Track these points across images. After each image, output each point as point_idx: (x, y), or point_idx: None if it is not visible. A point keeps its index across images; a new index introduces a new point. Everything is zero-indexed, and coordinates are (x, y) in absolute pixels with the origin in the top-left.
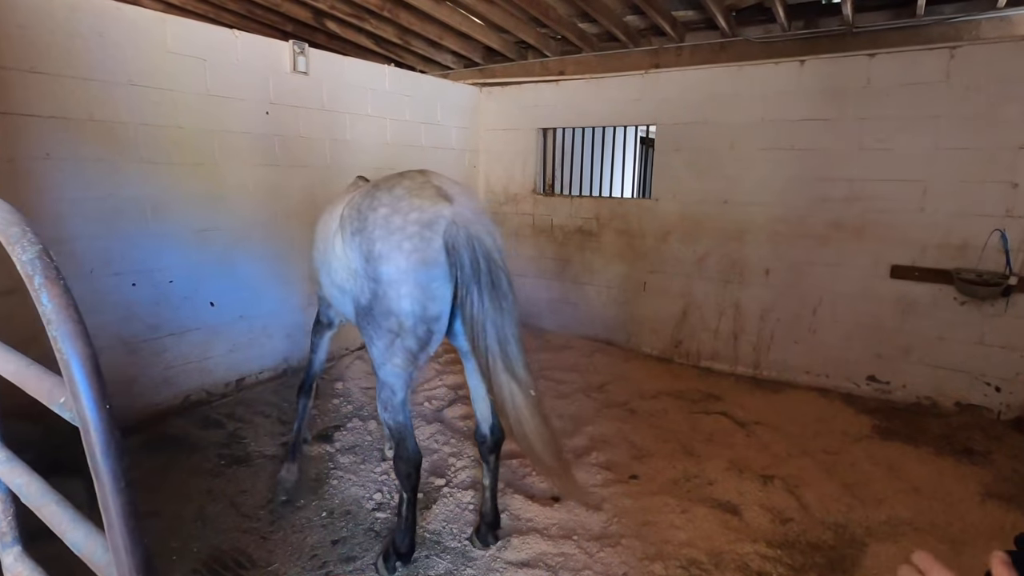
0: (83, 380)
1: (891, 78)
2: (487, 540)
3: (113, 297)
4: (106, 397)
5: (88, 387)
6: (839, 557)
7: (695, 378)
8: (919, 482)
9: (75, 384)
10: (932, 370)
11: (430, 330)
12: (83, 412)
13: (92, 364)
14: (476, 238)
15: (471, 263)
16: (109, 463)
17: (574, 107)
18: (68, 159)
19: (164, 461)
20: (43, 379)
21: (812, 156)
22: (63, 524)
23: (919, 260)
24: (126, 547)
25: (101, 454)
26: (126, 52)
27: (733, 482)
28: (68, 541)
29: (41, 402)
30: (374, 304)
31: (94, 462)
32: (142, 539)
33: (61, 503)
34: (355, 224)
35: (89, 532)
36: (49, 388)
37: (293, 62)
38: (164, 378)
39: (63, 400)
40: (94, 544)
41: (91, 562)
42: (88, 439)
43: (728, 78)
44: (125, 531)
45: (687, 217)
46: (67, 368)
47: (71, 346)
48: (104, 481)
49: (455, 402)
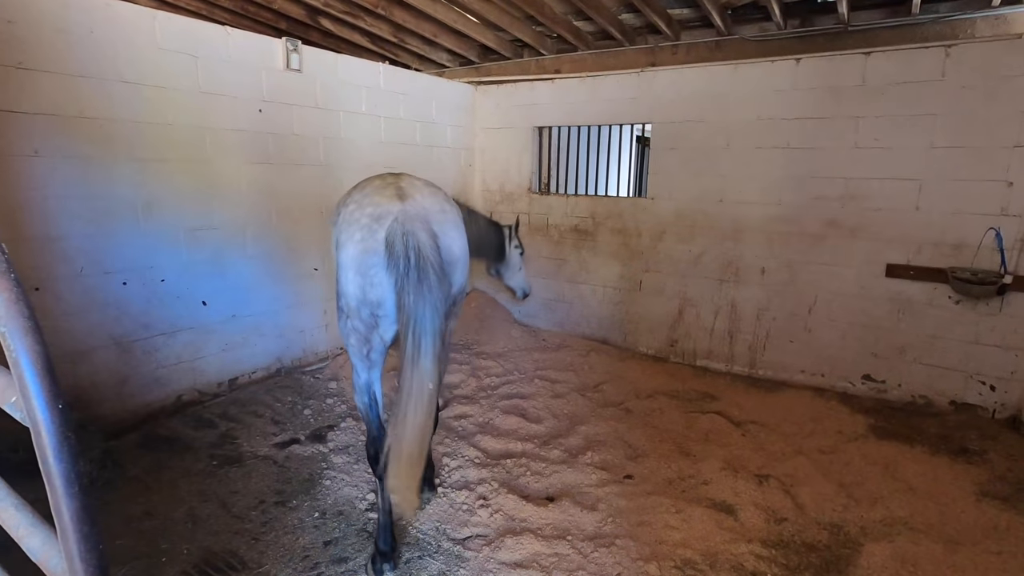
0: (33, 379)
1: (886, 76)
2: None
3: (104, 296)
4: (59, 396)
5: (39, 386)
6: (834, 557)
7: (691, 377)
8: (914, 481)
9: (25, 383)
10: (927, 369)
11: (373, 314)
12: (34, 412)
13: (43, 362)
14: (411, 233)
15: (403, 256)
16: (61, 466)
17: (570, 105)
18: (57, 156)
19: (156, 461)
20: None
21: (807, 155)
22: (20, 529)
23: (914, 259)
24: (80, 554)
25: (53, 456)
26: (116, 49)
27: (728, 482)
28: (24, 547)
29: None
30: (337, 286)
31: (46, 465)
32: (97, 545)
33: (20, 507)
34: (334, 215)
35: (47, 538)
36: (1, 388)
37: (286, 59)
38: (156, 378)
39: (14, 400)
40: (50, 551)
41: (47, 569)
42: (39, 441)
43: (724, 76)
44: (79, 537)
45: (683, 216)
46: (16, 366)
47: (21, 343)
48: (56, 485)
49: (450, 402)
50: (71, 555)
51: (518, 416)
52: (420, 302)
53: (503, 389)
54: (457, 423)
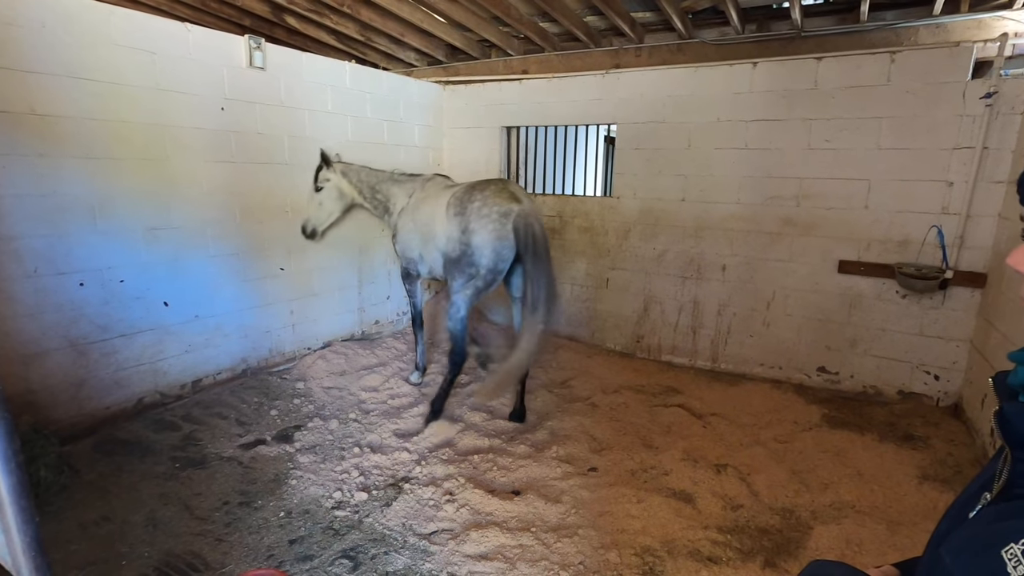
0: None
1: (836, 80)
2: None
3: (59, 297)
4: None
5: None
6: (785, 540)
7: (656, 372)
8: (862, 467)
9: None
10: (877, 360)
11: (495, 279)
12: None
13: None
14: (531, 226)
15: (526, 240)
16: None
17: (537, 106)
18: (8, 154)
19: (114, 465)
20: None
21: (764, 155)
22: None
23: (864, 255)
24: (17, 525)
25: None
26: (69, 44)
27: (688, 472)
28: None
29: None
30: (461, 257)
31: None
32: (33, 517)
33: None
34: (457, 209)
35: None
36: None
37: (249, 57)
38: (115, 380)
39: None
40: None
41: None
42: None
43: (685, 79)
44: (16, 509)
45: (646, 214)
46: None
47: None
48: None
49: (420, 401)
50: (8, 526)
51: (486, 412)
52: (538, 270)
53: (471, 387)
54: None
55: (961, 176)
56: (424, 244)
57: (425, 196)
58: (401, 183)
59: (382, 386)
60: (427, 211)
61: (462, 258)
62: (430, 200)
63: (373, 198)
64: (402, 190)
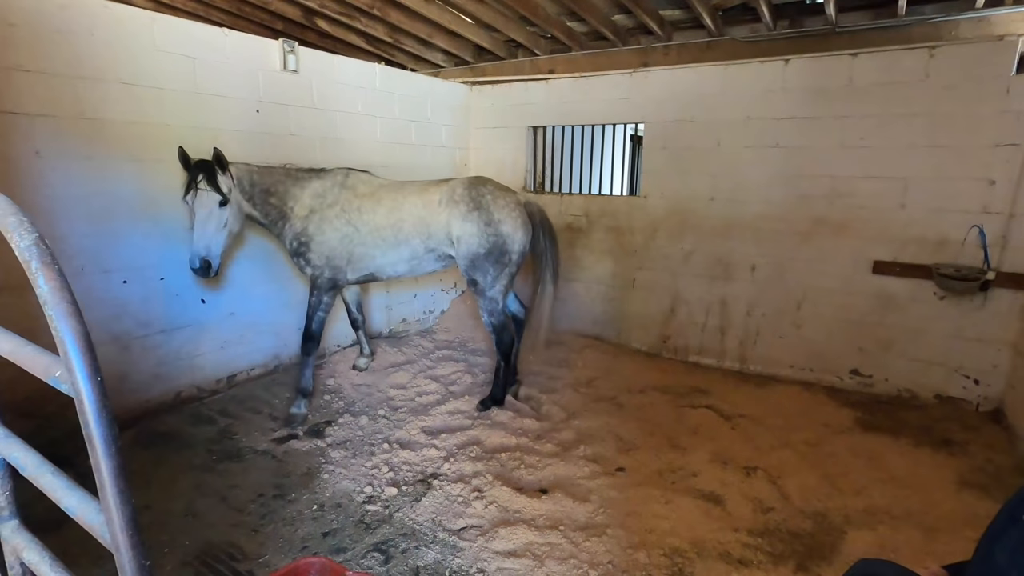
0: (77, 354)
1: (872, 77)
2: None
3: (104, 294)
4: (98, 371)
5: (81, 362)
6: (818, 544)
7: (682, 373)
8: (897, 472)
9: (70, 358)
10: (912, 363)
11: (521, 265)
12: (77, 384)
13: (85, 340)
14: (540, 211)
15: (540, 224)
16: (101, 430)
17: (564, 105)
18: (58, 157)
19: (155, 457)
20: (39, 357)
21: (795, 154)
22: (59, 491)
23: (900, 256)
24: (116, 506)
25: (94, 422)
26: (115, 50)
27: (717, 473)
28: (64, 506)
29: (32, 395)
30: (493, 249)
31: (87, 430)
32: (130, 499)
33: (56, 473)
34: (470, 205)
35: (82, 497)
36: (45, 364)
37: (283, 60)
38: (155, 374)
39: (58, 374)
40: (87, 507)
41: (84, 523)
42: (82, 408)
43: (714, 77)
44: (116, 491)
45: (674, 214)
46: (62, 344)
47: (66, 324)
48: (97, 446)
49: (447, 399)
50: (108, 507)
51: (512, 411)
52: (549, 249)
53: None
54: (452, 418)
55: (1004, 174)
56: (384, 246)
57: (370, 194)
58: (303, 181)
59: (410, 383)
60: (398, 211)
61: (494, 250)
62: (393, 198)
63: (265, 203)
64: (307, 190)
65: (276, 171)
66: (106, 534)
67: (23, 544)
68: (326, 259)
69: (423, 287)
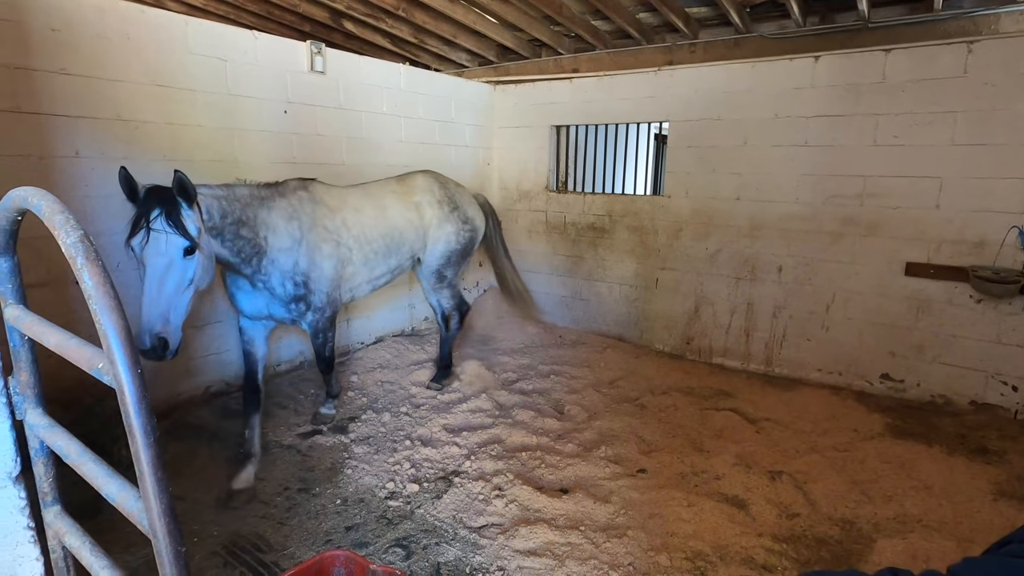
0: (119, 347)
1: (907, 73)
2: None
3: (138, 291)
4: (138, 363)
5: (123, 353)
6: (845, 552)
7: (706, 375)
8: (930, 480)
9: (112, 351)
10: (947, 368)
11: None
12: (119, 375)
13: (126, 334)
14: (486, 201)
15: (489, 213)
16: (141, 420)
17: (587, 104)
18: (96, 157)
19: (187, 448)
20: (83, 349)
21: (825, 153)
22: (99, 479)
23: (934, 257)
24: (155, 493)
25: (134, 412)
26: (150, 53)
27: (741, 477)
28: (104, 493)
29: (71, 387)
30: (468, 244)
31: (128, 419)
32: (167, 487)
33: (97, 461)
34: (451, 205)
35: (122, 485)
36: (89, 356)
37: (311, 62)
38: (186, 369)
39: (101, 366)
40: (127, 495)
41: (123, 509)
42: (123, 399)
43: (742, 75)
44: (154, 479)
45: (699, 214)
46: (105, 337)
47: (109, 318)
48: (136, 435)
49: (468, 397)
50: (147, 493)
51: (534, 411)
52: (496, 232)
53: (519, 384)
54: (474, 416)
55: None
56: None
57: (342, 204)
58: (268, 201)
59: (432, 382)
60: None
61: (469, 245)
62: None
63: (236, 238)
64: (274, 212)
65: (242, 190)
66: (144, 520)
67: (65, 529)
68: (326, 295)
69: None
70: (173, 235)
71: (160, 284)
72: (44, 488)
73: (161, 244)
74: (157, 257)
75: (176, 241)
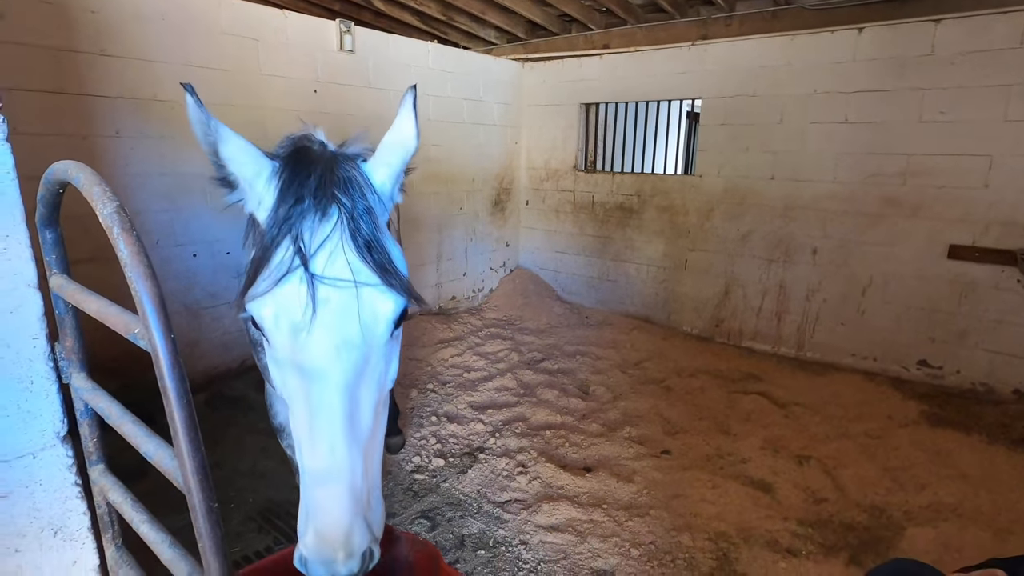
0: (153, 313)
1: (957, 45)
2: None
3: (176, 266)
4: (171, 329)
5: (157, 319)
6: (874, 539)
7: (735, 358)
8: (967, 470)
9: (147, 316)
10: (990, 355)
11: None
12: (153, 340)
13: (159, 300)
14: None
15: None
16: (174, 382)
17: (618, 81)
18: (135, 137)
19: (224, 419)
20: (121, 315)
21: (867, 129)
22: (138, 438)
23: (980, 240)
24: (188, 452)
25: (168, 375)
26: (186, 33)
27: (768, 461)
28: (142, 451)
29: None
30: None
31: (162, 382)
32: (200, 447)
33: (136, 422)
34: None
35: (159, 444)
36: (126, 322)
37: (340, 40)
38: (223, 343)
39: (137, 331)
40: (163, 453)
41: (160, 466)
42: (157, 363)
43: (780, 48)
44: (187, 438)
45: (731, 193)
46: (140, 304)
47: (143, 285)
48: (171, 398)
49: (494, 376)
50: (181, 453)
51: (558, 390)
52: None
53: (545, 364)
54: (499, 395)
55: None
56: None
57: None
58: None
59: (458, 359)
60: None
61: None
62: None
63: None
64: None
65: None
66: (179, 477)
67: (109, 486)
68: None
69: (473, 266)
70: (380, 289)
71: (353, 412)
72: (89, 448)
73: (363, 310)
74: (349, 351)
75: (389, 304)
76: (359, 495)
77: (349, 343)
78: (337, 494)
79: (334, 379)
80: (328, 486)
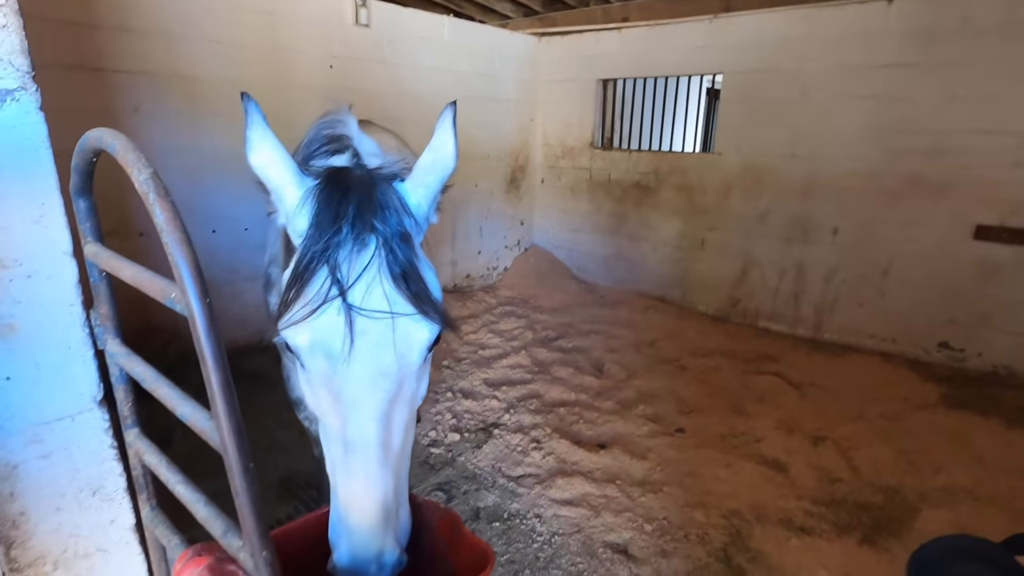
0: (189, 278)
1: (994, 17)
2: None
3: (196, 242)
4: (207, 293)
5: (193, 284)
6: (887, 519)
7: (751, 338)
8: (985, 453)
9: (183, 281)
10: (1014, 338)
11: None
12: (190, 304)
13: (195, 265)
14: None
15: None
16: (211, 345)
17: (636, 56)
18: (155, 112)
19: (242, 393)
20: (156, 281)
21: (894, 105)
22: (173, 400)
23: (1009, 220)
24: (225, 413)
25: (204, 338)
26: (203, 8)
27: (782, 441)
28: (178, 414)
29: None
30: None
31: (199, 346)
32: (236, 408)
33: (171, 386)
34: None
35: (195, 407)
36: (161, 287)
37: (355, 15)
38: (242, 318)
39: (173, 295)
40: (199, 415)
41: (196, 428)
42: (194, 327)
43: (804, 21)
44: (223, 400)
45: (750, 172)
46: (177, 268)
47: (179, 250)
48: (207, 360)
49: (508, 353)
50: (217, 414)
51: (573, 368)
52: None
53: (559, 342)
54: (513, 372)
55: None
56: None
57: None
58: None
59: (472, 337)
60: None
61: None
62: None
63: None
64: None
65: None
66: (216, 438)
67: (144, 448)
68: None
69: (488, 244)
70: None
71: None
72: (124, 412)
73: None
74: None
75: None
76: (390, 513)
77: (385, 372)
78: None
79: (369, 409)
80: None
